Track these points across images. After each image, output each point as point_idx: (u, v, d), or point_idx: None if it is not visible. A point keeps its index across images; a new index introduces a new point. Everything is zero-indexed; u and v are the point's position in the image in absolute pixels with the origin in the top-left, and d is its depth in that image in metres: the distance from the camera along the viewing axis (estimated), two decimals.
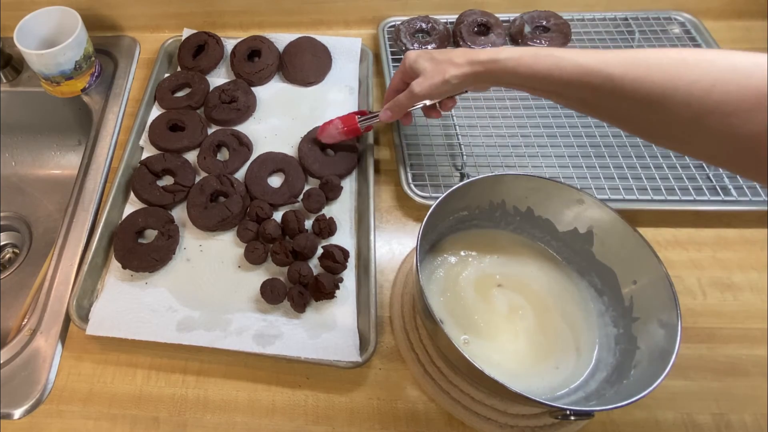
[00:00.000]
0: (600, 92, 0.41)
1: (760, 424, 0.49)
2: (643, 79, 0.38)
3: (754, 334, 0.54)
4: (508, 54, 0.47)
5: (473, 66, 0.50)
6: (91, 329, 0.54)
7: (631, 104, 0.39)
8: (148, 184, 0.64)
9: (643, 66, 0.38)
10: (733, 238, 0.60)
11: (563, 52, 0.44)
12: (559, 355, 0.49)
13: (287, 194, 0.63)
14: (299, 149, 0.67)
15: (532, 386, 0.47)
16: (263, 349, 0.52)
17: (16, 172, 0.88)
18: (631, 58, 0.39)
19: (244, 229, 0.59)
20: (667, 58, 0.37)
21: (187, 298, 0.57)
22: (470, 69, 0.50)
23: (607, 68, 0.40)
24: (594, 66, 0.41)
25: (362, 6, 0.82)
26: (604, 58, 0.41)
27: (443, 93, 0.54)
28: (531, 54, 0.45)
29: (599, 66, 0.40)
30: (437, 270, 0.54)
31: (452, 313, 0.51)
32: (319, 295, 0.54)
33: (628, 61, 0.39)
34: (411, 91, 0.54)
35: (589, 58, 0.41)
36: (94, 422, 0.52)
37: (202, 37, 0.79)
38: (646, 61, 0.38)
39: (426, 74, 0.53)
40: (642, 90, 0.38)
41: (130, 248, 0.59)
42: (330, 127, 0.64)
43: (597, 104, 0.42)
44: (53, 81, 0.75)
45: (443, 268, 0.54)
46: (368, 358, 0.51)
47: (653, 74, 0.37)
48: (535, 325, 0.51)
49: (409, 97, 0.55)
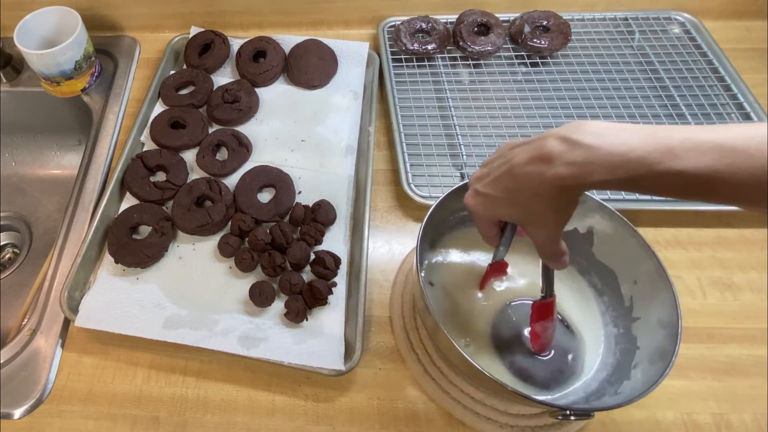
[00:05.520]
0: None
1: (760, 424, 0.49)
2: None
3: (754, 334, 0.54)
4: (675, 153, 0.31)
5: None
6: (79, 321, 0.55)
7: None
8: (140, 177, 0.65)
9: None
10: (733, 238, 0.60)
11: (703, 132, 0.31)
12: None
13: (273, 212, 0.61)
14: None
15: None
16: (247, 352, 0.52)
17: (16, 172, 0.88)
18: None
19: (224, 243, 0.59)
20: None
21: (176, 296, 0.57)
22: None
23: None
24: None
25: (362, 6, 0.82)
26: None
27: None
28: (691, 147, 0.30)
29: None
30: (437, 269, 0.54)
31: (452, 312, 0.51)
32: (314, 301, 0.54)
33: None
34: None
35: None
36: (94, 422, 0.52)
37: (209, 36, 0.79)
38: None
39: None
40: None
41: (123, 243, 0.59)
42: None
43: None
44: (53, 81, 0.75)
45: (443, 267, 0.54)
46: (352, 367, 0.51)
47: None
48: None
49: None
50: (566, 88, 0.72)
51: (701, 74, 0.73)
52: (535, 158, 0.35)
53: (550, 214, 0.36)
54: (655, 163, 0.31)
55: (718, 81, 0.72)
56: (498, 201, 0.38)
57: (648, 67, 0.75)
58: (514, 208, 0.38)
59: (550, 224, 0.37)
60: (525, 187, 0.36)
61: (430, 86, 0.75)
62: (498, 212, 0.40)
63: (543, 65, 0.76)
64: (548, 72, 0.75)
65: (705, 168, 0.30)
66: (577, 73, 0.74)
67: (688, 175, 0.30)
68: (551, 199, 0.35)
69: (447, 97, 0.73)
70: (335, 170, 0.67)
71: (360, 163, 0.67)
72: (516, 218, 0.39)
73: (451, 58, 0.78)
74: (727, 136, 0.30)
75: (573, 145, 0.33)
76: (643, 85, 0.73)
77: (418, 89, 0.74)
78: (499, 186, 0.38)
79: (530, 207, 0.36)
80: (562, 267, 0.42)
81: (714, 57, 0.74)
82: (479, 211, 0.41)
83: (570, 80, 0.73)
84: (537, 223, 0.38)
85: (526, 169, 0.35)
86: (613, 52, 0.76)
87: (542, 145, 0.34)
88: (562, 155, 0.33)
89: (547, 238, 0.39)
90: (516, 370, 0.48)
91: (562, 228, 0.38)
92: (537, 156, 0.35)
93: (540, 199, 0.35)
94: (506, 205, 0.38)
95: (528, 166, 0.35)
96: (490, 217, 0.41)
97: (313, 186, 0.65)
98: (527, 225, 0.39)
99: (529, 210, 0.37)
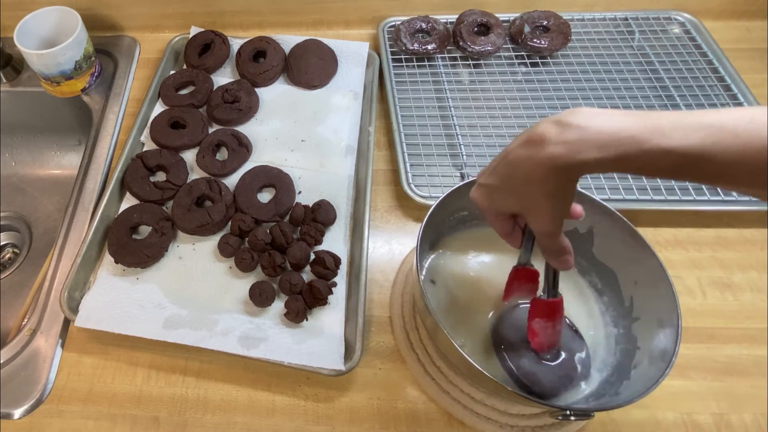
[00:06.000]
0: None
1: (760, 424, 0.49)
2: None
3: (754, 334, 0.54)
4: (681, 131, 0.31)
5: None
6: (79, 321, 0.55)
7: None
8: (140, 177, 0.65)
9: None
10: (733, 238, 0.60)
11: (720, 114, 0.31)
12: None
13: (273, 212, 0.62)
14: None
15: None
16: (247, 352, 0.52)
17: (16, 172, 0.88)
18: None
19: (224, 243, 0.59)
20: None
21: (176, 296, 0.57)
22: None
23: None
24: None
25: (362, 6, 0.82)
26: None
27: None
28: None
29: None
30: (437, 269, 0.54)
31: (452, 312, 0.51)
32: (314, 301, 0.54)
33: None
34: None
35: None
36: (94, 422, 0.52)
37: (209, 36, 0.79)
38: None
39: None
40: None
41: (123, 243, 0.59)
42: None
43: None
44: (53, 81, 0.75)
45: (443, 267, 0.54)
46: (352, 367, 0.51)
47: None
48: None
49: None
50: (566, 88, 0.72)
51: (701, 74, 0.73)
52: (527, 141, 0.35)
53: (543, 200, 0.36)
54: (644, 140, 0.31)
55: (718, 81, 0.72)
56: (496, 190, 0.39)
57: (648, 67, 0.75)
58: (511, 197, 0.38)
59: (545, 212, 0.37)
60: (518, 172, 0.36)
61: (430, 86, 0.75)
62: (498, 203, 0.40)
63: (543, 65, 0.76)
64: (548, 72, 0.75)
65: (693, 146, 0.30)
66: (577, 73, 0.74)
67: (677, 153, 0.31)
68: (543, 182, 0.35)
69: (447, 97, 0.73)
70: (335, 170, 0.67)
71: (360, 163, 0.67)
72: (515, 207, 0.39)
73: (451, 58, 0.78)
74: (715, 117, 0.31)
75: (565, 127, 0.33)
76: (643, 85, 0.73)
77: (418, 89, 0.74)
78: (496, 175, 0.38)
79: (524, 192, 0.36)
80: (563, 267, 0.41)
81: (714, 57, 0.74)
82: (481, 203, 0.41)
83: (570, 80, 0.73)
84: (532, 211, 0.37)
85: (518, 153, 0.36)
86: (613, 52, 0.76)
87: (535, 130, 0.35)
88: (554, 136, 0.34)
89: (544, 229, 0.38)
90: (522, 374, 0.47)
91: (559, 219, 0.38)
92: (529, 139, 0.35)
93: (533, 183, 0.35)
94: (504, 193, 0.38)
95: (521, 149, 0.35)
96: (494, 209, 0.41)
97: (313, 186, 0.65)
98: (526, 215, 0.38)
99: (524, 196, 0.37)
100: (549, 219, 0.37)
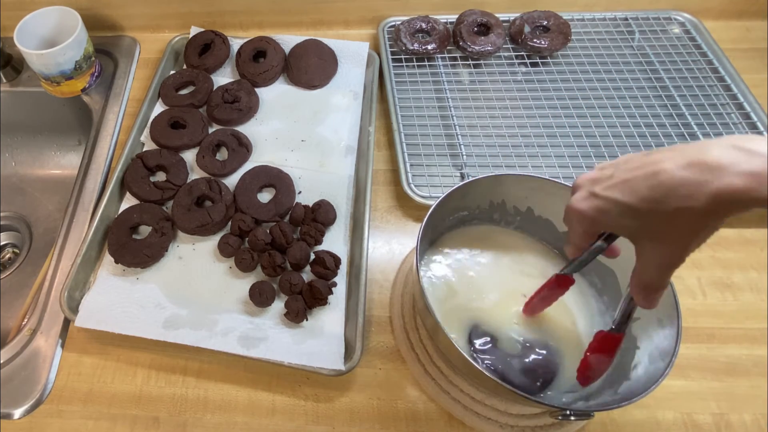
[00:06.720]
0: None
1: (760, 424, 0.49)
2: None
3: (754, 334, 0.54)
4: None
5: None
6: (79, 321, 0.55)
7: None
8: (140, 177, 0.65)
9: None
10: (733, 238, 0.60)
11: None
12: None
13: (273, 212, 0.61)
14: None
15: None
16: (247, 352, 0.52)
17: (16, 172, 0.88)
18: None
19: (224, 243, 0.59)
20: None
21: (176, 296, 0.57)
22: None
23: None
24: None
25: (362, 6, 0.82)
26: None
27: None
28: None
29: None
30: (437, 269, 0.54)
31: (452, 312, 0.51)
32: (314, 302, 0.54)
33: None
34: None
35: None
36: (94, 422, 0.52)
37: (209, 36, 0.79)
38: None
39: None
40: None
41: (123, 243, 0.59)
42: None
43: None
44: (53, 81, 0.75)
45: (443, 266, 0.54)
46: (352, 367, 0.51)
47: None
48: (535, 323, 0.50)
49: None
50: (566, 88, 0.72)
51: (701, 74, 0.73)
52: (695, 164, 0.29)
53: (690, 232, 0.30)
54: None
55: (718, 81, 0.72)
56: (622, 207, 0.32)
57: (648, 67, 0.75)
58: (639, 219, 0.32)
59: (679, 246, 0.31)
60: (673, 195, 0.30)
61: (430, 86, 0.75)
62: (615, 221, 0.33)
63: (543, 65, 0.76)
64: (548, 72, 0.75)
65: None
66: (577, 73, 0.74)
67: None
68: (702, 215, 0.29)
69: (447, 97, 0.73)
70: (335, 170, 0.67)
71: (360, 163, 0.67)
72: (631, 229, 0.33)
73: (451, 58, 0.78)
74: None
75: (749, 154, 0.28)
76: (643, 85, 0.73)
77: (418, 89, 0.74)
78: (633, 193, 0.32)
79: (668, 220, 0.30)
80: (649, 306, 0.35)
81: (714, 57, 0.74)
82: (592, 216, 0.34)
83: (570, 80, 0.73)
84: (663, 240, 0.32)
85: (681, 175, 0.29)
86: (613, 52, 0.76)
87: (704, 151, 0.29)
88: (734, 164, 0.28)
89: (663, 262, 0.33)
90: (492, 372, 0.45)
91: (688, 254, 0.32)
92: (700, 162, 0.29)
93: (691, 213, 0.29)
94: (632, 213, 0.32)
95: (684, 171, 0.29)
96: (600, 226, 0.35)
97: (313, 186, 0.65)
98: (648, 242, 0.33)
99: (663, 223, 0.31)
100: (683, 253, 0.32)
